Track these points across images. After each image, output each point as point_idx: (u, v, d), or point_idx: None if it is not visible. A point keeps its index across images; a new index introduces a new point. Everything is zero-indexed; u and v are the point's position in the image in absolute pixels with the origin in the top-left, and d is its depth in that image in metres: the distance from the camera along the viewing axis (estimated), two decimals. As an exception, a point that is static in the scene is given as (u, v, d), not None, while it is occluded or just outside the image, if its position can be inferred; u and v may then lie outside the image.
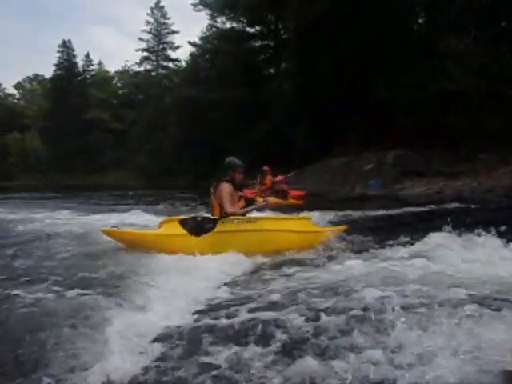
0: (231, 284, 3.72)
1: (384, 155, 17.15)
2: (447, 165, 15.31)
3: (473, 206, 9.65)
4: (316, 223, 5.85)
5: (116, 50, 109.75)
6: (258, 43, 33.21)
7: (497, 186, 11.93)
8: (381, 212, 9.03)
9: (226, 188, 5.15)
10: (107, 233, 5.03)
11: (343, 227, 5.51)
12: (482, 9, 15.42)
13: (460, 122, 14.83)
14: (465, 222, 4.62)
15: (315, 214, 7.88)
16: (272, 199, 9.65)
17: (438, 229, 4.55)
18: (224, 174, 5.32)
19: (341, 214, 8.56)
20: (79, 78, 62.21)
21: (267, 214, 6.85)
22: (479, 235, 4.23)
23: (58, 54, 61.36)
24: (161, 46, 56.38)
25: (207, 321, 2.72)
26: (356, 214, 8.66)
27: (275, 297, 3.07)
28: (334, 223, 7.00)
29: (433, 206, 9.92)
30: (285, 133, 23.45)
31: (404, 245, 4.52)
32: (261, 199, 9.38)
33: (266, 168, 12.13)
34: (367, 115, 18.63)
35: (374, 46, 18.30)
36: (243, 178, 5.48)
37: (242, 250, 4.63)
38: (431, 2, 17.98)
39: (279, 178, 11.06)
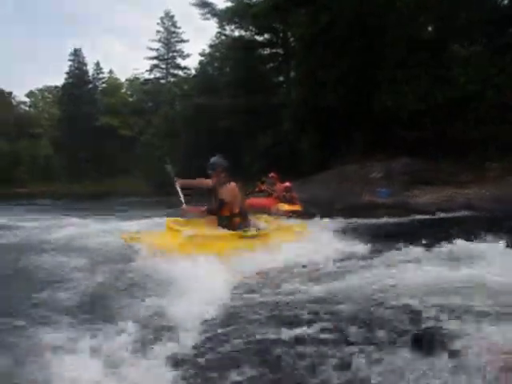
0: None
1: (392, 164, 17.15)
2: (455, 173, 15.32)
3: (482, 215, 9.75)
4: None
5: (126, 59, 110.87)
6: (267, 51, 33.27)
7: (505, 194, 11.97)
8: (392, 220, 9.09)
9: None
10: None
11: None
12: (490, 20, 15.53)
13: (467, 130, 14.86)
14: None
15: (324, 222, 7.95)
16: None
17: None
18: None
19: (349, 221, 8.61)
20: (90, 86, 62.93)
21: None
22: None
23: (70, 63, 62.22)
24: (170, 54, 57.04)
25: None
26: (364, 221, 8.71)
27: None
28: (341, 231, 6.84)
29: (442, 214, 10.03)
30: (292, 141, 23.50)
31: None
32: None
33: (273, 175, 11.62)
34: (374, 124, 18.65)
35: (379, 55, 18.37)
36: (225, 177, 5.51)
37: None
38: (439, 12, 18.04)
39: (285, 184, 10.87)
